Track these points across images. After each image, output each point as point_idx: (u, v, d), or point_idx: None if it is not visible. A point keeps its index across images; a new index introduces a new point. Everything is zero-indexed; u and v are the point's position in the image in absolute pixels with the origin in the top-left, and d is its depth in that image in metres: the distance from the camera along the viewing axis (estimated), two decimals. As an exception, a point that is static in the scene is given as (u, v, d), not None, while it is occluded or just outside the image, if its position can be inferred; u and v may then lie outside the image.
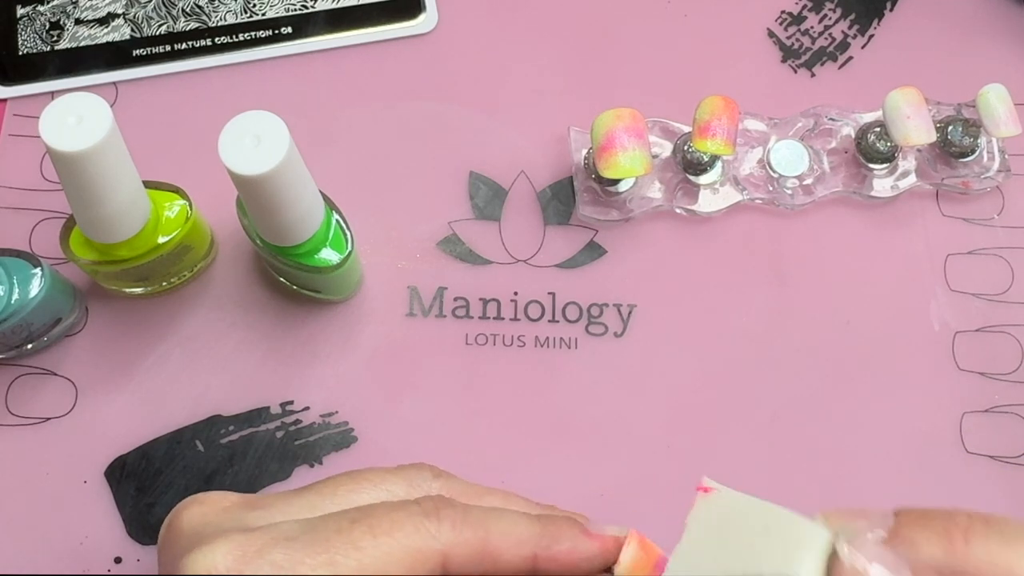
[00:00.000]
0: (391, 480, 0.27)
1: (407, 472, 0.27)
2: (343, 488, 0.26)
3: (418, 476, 0.27)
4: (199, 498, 0.26)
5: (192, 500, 0.26)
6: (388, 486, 0.26)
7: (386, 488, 0.26)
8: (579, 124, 0.43)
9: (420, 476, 0.27)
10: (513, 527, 0.26)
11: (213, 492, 0.27)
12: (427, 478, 0.27)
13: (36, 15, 0.45)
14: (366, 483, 0.26)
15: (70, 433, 0.39)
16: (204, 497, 0.26)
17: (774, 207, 0.43)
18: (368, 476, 0.27)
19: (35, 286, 0.36)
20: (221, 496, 0.26)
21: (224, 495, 0.27)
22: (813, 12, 0.47)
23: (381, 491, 0.26)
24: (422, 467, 0.28)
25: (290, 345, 0.40)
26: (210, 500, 0.26)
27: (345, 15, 0.45)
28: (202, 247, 0.39)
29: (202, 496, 0.26)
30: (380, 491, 0.26)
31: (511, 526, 0.26)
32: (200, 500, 0.26)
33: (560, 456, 0.39)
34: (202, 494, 0.27)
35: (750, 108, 0.44)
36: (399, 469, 0.27)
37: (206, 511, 0.26)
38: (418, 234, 0.42)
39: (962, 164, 0.43)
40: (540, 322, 0.41)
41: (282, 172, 0.30)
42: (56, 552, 0.37)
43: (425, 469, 0.28)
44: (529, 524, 0.26)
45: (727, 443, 0.40)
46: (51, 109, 0.30)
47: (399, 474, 0.27)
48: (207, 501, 0.26)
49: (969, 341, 0.42)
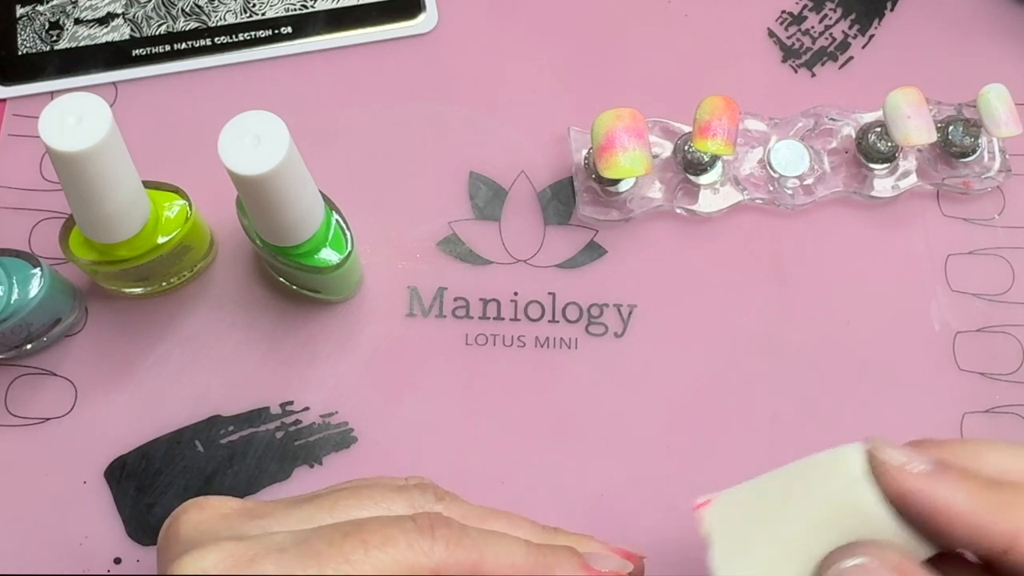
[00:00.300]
0: (392, 499, 0.26)
1: (410, 492, 0.27)
2: (343, 503, 0.26)
3: (421, 497, 0.27)
4: (200, 502, 0.26)
5: (192, 504, 0.26)
6: (389, 504, 0.26)
7: (387, 506, 0.26)
8: (579, 124, 0.43)
9: (423, 497, 0.27)
10: (509, 553, 0.25)
11: (215, 497, 0.26)
12: (430, 500, 0.27)
13: (36, 15, 0.45)
14: (367, 500, 0.26)
15: (70, 433, 0.39)
16: (205, 502, 0.26)
17: (774, 207, 0.43)
18: (370, 493, 0.26)
19: (35, 286, 0.36)
20: (222, 502, 0.26)
21: (225, 501, 0.26)
22: (813, 12, 0.47)
23: (381, 509, 0.26)
24: (426, 488, 0.27)
25: (290, 345, 0.40)
26: (210, 505, 0.26)
27: (345, 15, 0.45)
28: (202, 247, 0.39)
29: (203, 501, 0.26)
30: (380, 509, 0.26)
31: (506, 552, 0.25)
32: (201, 505, 0.26)
33: (560, 456, 0.39)
34: (203, 498, 0.26)
35: (750, 108, 0.44)
36: (402, 489, 0.27)
37: (205, 517, 0.26)
38: (418, 234, 0.42)
39: (963, 164, 0.43)
40: (540, 322, 0.41)
41: (282, 172, 0.30)
42: (56, 552, 0.37)
43: (429, 490, 0.27)
44: (526, 552, 0.26)
45: (727, 443, 0.40)
46: (51, 109, 0.29)
47: (402, 493, 0.27)
48: (207, 506, 0.26)
49: (970, 341, 0.42)
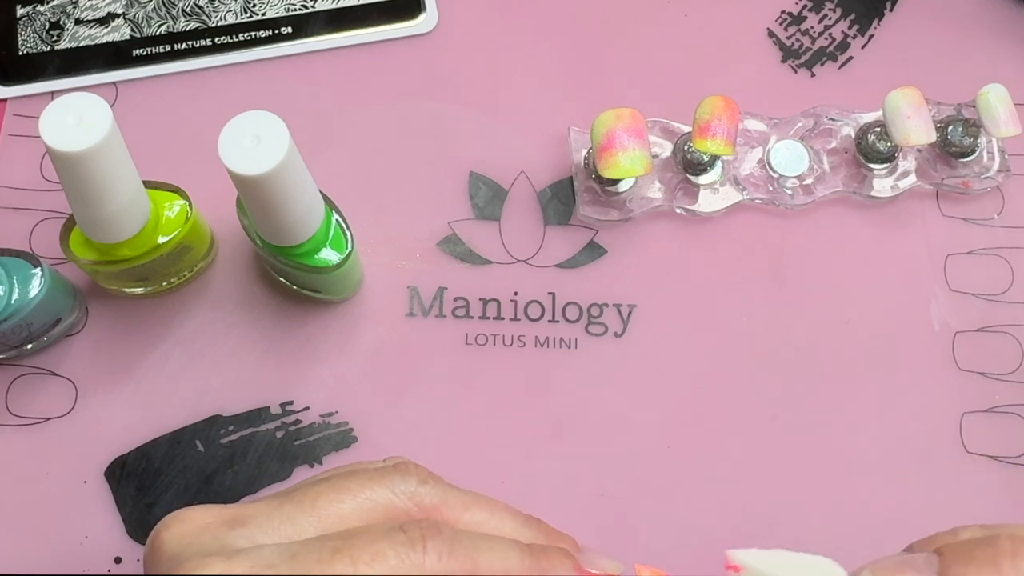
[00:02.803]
0: (372, 487, 0.26)
1: (391, 477, 0.26)
2: (323, 498, 0.26)
3: (403, 482, 0.26)
4: (180, 515, 0.26)
5: (172, 519, 0.26)
6: (368, 494, 0.26)
7: (366, 496, 0.26)
8: (579, 124, 0.43)
9: (405, 481, 0.26)
10: (503, 559, 0.25)
11: (194, 508, 0.26)
12: (412, 483, 0.26)
13: (36, 15, 0.45)
14: (346, 493, 0.26)
15: (70, 433, 0.39)
16: (184, 515, 0.26)
17: (774, 207, 0.43)
18: (348, 486, 0.26)
19: (35, 286, 0.36)
20: (202, 512, 0.26)
21: (205, 511, 0.26)
22: (813, 12, 0.47)
23: (362, 500, 0.26)
24: (408, 470, 0.27)
25: (290, 345, 0.40)
26: (190, 518, 0.26)
27: (345, 15, 0.45)
28: (202, 247, 0.39)
29: (182, 514, 0.26)
30: (361, 500, 0.26)
31: (501, 558, 0.25)
32: (180, 518, 0.26)
33: (560, 456, 0.39)
34: (183, 511, 0.26)
35: (750, 108, 0.44)
36: (383, 473, 0.27)
37: (186, 531, 0.25)
38: (418, 234, 0.42)
39: (962, 164, 0.43)
40: (540, 322, 0.41)
41: (282, 172, 0.30)
42: (56, 552, 0.37)
43: (411, 474, 0.27)
44: (520, 557, 0.25)
45: (727, 443, 0.40)
46: (51, 109, 0.29)
47: (382, 480, 0.26)
48: (187, 519, 0.26)
49: (969, 341, 0.42)
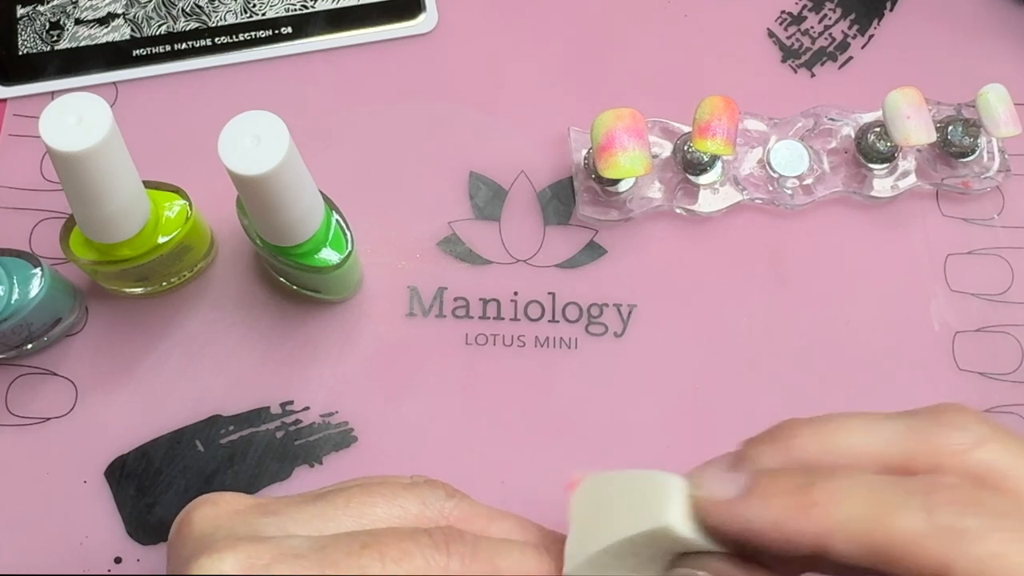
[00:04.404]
0: (404, 496, 0.26)
1: (421, 490, 0.27)
2: (356, 500, 0.26)
3: (432, 495, 0.27)
4: (212, 498, 0.26)
5: (205, 500, 0.26)
6: (401, 502, 0.26)
7: (399, 504, 0.26)
8: (579, 124, 0.43)
9: (434, 495, 0.27)
10: (523, 564, 0.25)
11: (227, 493, 0.26)
12: (440, 497, 0.27)
13: (36, 15, 0.45)
14: (379, 497, 0.26)
15: (70, 433, 0.39)
16: (217, 498, 0.26)
17: (774, 207, 0.43)
18: (381, 491, 0.26)
19: (35, 286, 0.36)
20: (234, 498, 0.26)
21: (238, 497, 0.26)
22: (813, 12, 0.47)
23: (394, 507, 0.26)
24: (435, 485, 0.27)
25: (290, 345, 0.40)
26: (223, 501, 0.26)
27: (345, 15, 0.45)
28: (202, 247, 0.39)
29: (215, 496, 0.26)
30: (393, 507, 0.26)
31: (520, 563, 0.25)
32: (213, 500, 0.26)
33: (560, 456, 0.39)
34: (215, 494, 0.26)
35: (750, 108, 0.44)
36: (414, 485, 0.27)
37: (219, 513, 0.25)
38: (418, 234, 0.42)
39: (962, 164, 0.43)
40: (540, 322, 0.41)
41: (282, 172, 0.30)
42: (56, 552, 0.37)
43: (439, 488, 0.27)
44: (540, 561, 0.25)
45: (727, 443, 0.40)
46: (51, 109, 0.29)
47: (412, 491, 0.27)
48: (220, 502, 0.26)
49: (969, 341, 0.42)
